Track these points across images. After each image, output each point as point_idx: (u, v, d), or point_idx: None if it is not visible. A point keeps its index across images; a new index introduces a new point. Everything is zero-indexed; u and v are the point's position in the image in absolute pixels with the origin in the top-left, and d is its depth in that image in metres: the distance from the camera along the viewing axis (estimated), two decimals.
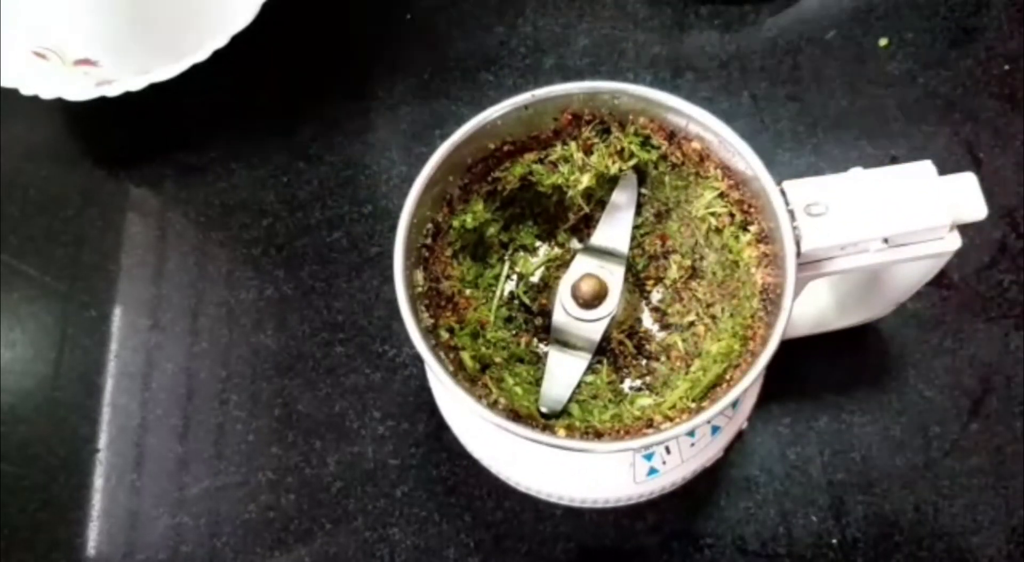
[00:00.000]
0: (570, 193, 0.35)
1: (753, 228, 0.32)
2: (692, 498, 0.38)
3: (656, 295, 0.36)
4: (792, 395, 0.41)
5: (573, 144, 0.34)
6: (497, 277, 0.36)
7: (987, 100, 0.48)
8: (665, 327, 0.36)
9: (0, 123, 0.51)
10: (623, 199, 0.36)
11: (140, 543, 0.41)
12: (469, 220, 0.34)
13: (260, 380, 0.43)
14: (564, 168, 0.35)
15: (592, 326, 0.34)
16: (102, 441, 0.43)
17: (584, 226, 0.37)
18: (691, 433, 0.34)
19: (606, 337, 0.34)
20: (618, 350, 0.35)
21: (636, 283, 0.36)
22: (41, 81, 0.47)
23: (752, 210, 0.32)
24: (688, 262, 0.35)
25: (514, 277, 0.37)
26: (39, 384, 0.45)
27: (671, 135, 0.33)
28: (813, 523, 0.39)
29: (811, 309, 0.39)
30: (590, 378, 0.34)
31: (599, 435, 0.31)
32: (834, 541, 0.39)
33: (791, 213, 0.30)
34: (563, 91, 0.32)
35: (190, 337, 0.45)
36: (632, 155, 0.34)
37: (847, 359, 0.41)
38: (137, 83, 0.45)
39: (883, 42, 0.50)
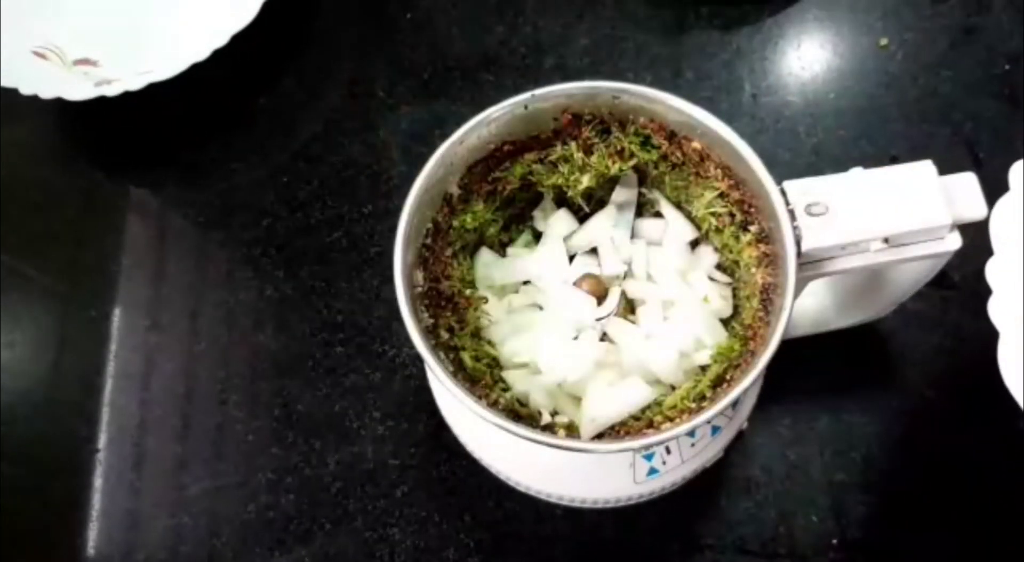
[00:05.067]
0: (570, 193, 0.35)
1: (753, 228, 0.32)
2: (692, 498, 0.38)
3: None
4: (792, 395, 0.41)
5: (573, 144, 0.34)
6: None
7: (987, 100, 0.48)
8: None
9: (0, 123, 0.51)
10: (623, 199, 0.36)
11: (139, 543, 0.40)
12: (469, 220, 0.34)
13: (260, 380, 0.43)
14: (564, 168, 0.35)
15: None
16: (102, 441, 0.43)
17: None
18: (691, 433, 0.34)
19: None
20: None
21: None
22: (41, 81, 0.47)
23: (752, 210, 0.32)
24: None
25: None
26: (39, 384, 0.45)
27: (671, 135, 0.33)
28: (813, 523, 0.39)
29: (811, 309, 0.39)
30: None
31: (599, 435, 0.31)
32: (834, 541, 0.39)
33: (791, 213, 0.30)
34: (563, 91, 0.32)
35: (190, 337, 0.45)
36: (632, 155, 0.34)
37: (847, 359, 0.41)
38: (137, 83, 0.45)
39: (883, 42, 0.50)
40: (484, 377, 0.32)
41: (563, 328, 0.33)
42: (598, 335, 0.33)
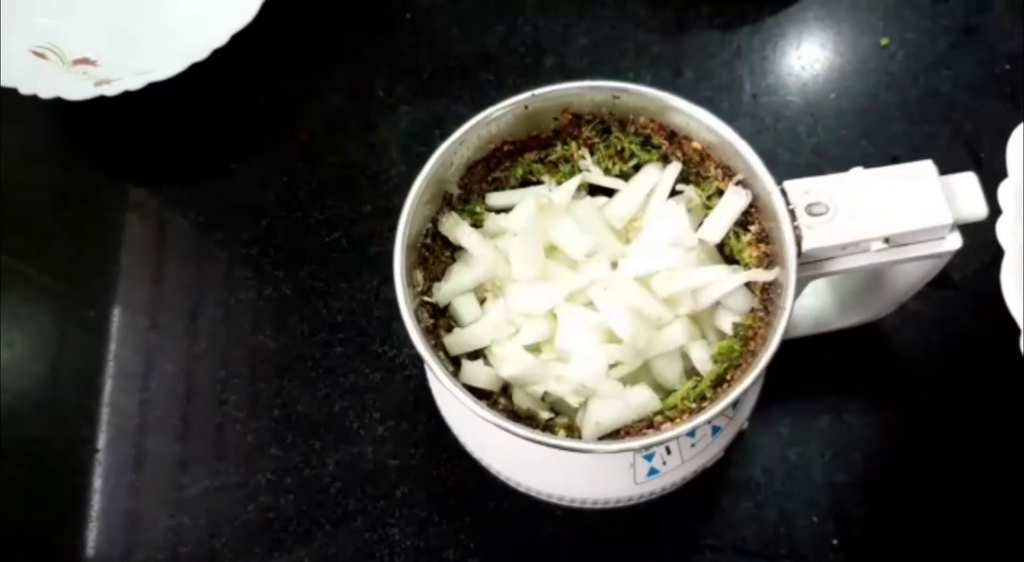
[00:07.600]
0: None
1: (753, 228, 0.32)
2: (692, 499, 0.38)
3: None
4: (792, 395, 0.41)
5: (573, 144, 0.34)
6: None
7: (988, 100, 0.48)
8: None
9: (0, 123, 0.51)
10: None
11: (139, 543, 0.40)
12: (469, 220, 0.34)
13: (259, 380, 0.43)
14: (564, 168, 0.35)
15: None
16: (101, 441, 0.43)
17: None
18: (692, 433, 0.34)
19: None
20: None
21: None
22: (41, 81, 0.47)
23: (752, 210, 0.32)
24: None
25: None
26: (39, 384, 0.45)
27: (671, 135, 0.33)
28: (814, 523, 0.39)
29: (811, 309, 0.39)
30: None
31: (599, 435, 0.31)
32: (834, 541, 0.39)
33: (791, 213, 0.30)
34: (563, 91, 0.32)
35: (189, 337, 0.45)
36: (632, 155, 0.34)
37: (847, 359, 0.41)
38: (137, 83, 0.45)
39: (883, 42, 0.50)
40: None
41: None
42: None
